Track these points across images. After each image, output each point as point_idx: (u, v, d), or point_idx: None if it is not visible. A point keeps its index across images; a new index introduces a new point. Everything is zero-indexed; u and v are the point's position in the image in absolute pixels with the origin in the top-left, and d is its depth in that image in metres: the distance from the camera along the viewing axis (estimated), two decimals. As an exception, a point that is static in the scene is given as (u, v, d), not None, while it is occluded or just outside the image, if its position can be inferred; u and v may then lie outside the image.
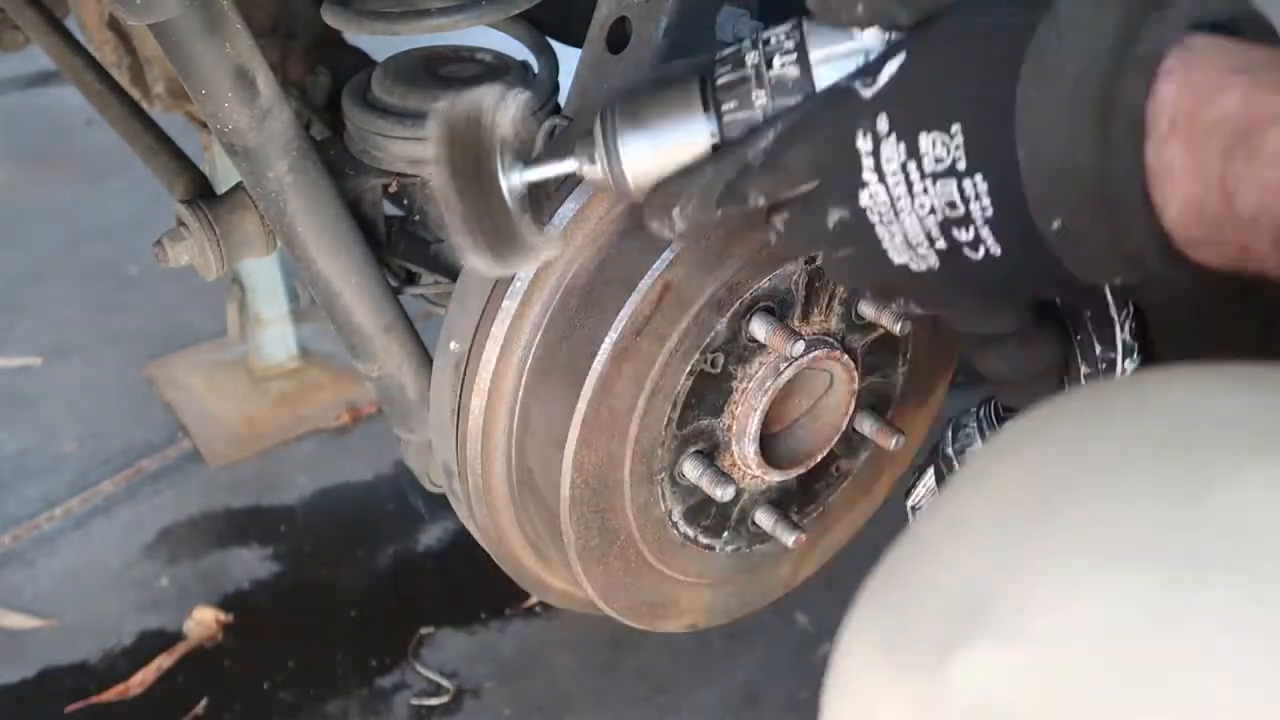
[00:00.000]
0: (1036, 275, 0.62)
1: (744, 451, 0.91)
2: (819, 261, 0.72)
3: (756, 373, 0.89)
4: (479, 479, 0.93)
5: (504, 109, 0.68)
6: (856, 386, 0.95)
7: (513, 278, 0.87)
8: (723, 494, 0.89)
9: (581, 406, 0.84)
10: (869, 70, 0.64)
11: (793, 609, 1.77)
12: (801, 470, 0.97)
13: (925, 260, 0.65)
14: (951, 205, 0.61)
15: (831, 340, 0.92)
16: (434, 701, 1.66)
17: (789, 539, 0.95)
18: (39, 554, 1.91)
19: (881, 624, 0.45)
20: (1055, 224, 0.58)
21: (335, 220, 0.96)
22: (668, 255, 0.82)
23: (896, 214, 0.63)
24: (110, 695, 1.67)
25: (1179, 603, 0.37)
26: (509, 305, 0.87)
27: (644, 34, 0.93)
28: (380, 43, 1.10)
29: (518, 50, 1.10)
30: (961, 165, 0.60)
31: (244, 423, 2.17)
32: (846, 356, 0.93)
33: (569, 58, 1.03)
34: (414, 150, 1.01)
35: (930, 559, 0.45)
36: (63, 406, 2.23)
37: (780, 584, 1.07)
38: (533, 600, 1.79)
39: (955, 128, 0.60)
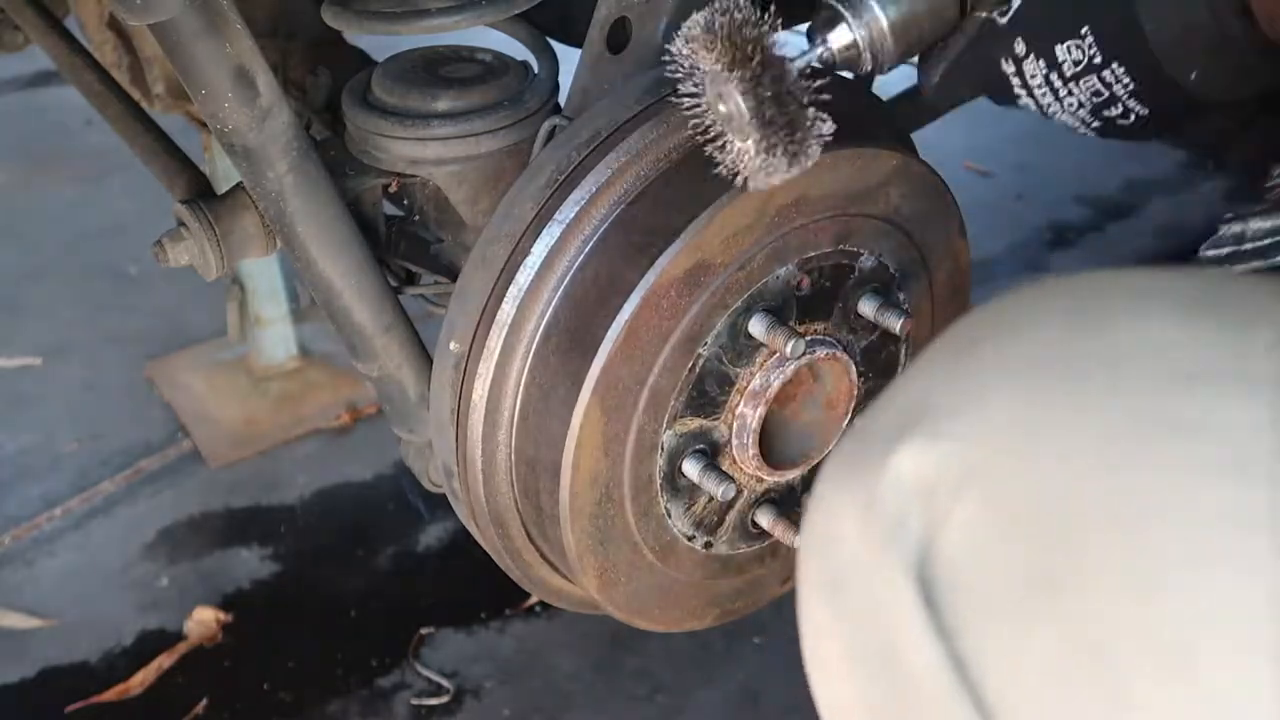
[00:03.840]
0: (1180, 111, 0.74)
1: (744, 451, 0.91)
2: None
3: (756, 373, 0.89)
4: (479, 479, 0.93)
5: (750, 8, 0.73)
6: (857, 387, 0.95)
7: (512, 278, 0.87)
8: (723, 493, 0.89)
9: (581, 406, 0.84)
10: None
11: (793, 609, 1.76)
12: (801, 471, 0.97)
13: (1086, 133, 0.77)
14: (1097, 94, 0.72)
15: (831, 340, 0.92)
16: (434, 701, 1.66)
17: (791, 539, 0.95)
18: (39, 554, 1.91)
19: (846, 445, 0.57)
20: (1193, 74, 0.70)
21: (335, 220, 0.96)
22: (668, 254, 0.82)
23: (1049, 116, 0.75)
24: (110, 695, 1.67)
25: (1060, 402, 0.49)
26: (509, 306, 0.87)
27: (644, 34, 0.93)
28: (380, 43, 1.10)
29: (518, 50, 1.10)
30: (1098, 60, 0.71)
31: (244, 423, 2.17)
32: (846, 357, 0.93)
33: (569, 58, 1.03)
34: (414, 150, 1.01)
35: (887, 392, 0.57)
36: (63, 406, 2.23)
37: (779, 583, 1.07)
38: (533, 600, 1.79)
39: (1085, 30, 0.71)
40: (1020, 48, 0.74)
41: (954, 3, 0.75)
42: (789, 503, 0.99)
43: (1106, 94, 0.73)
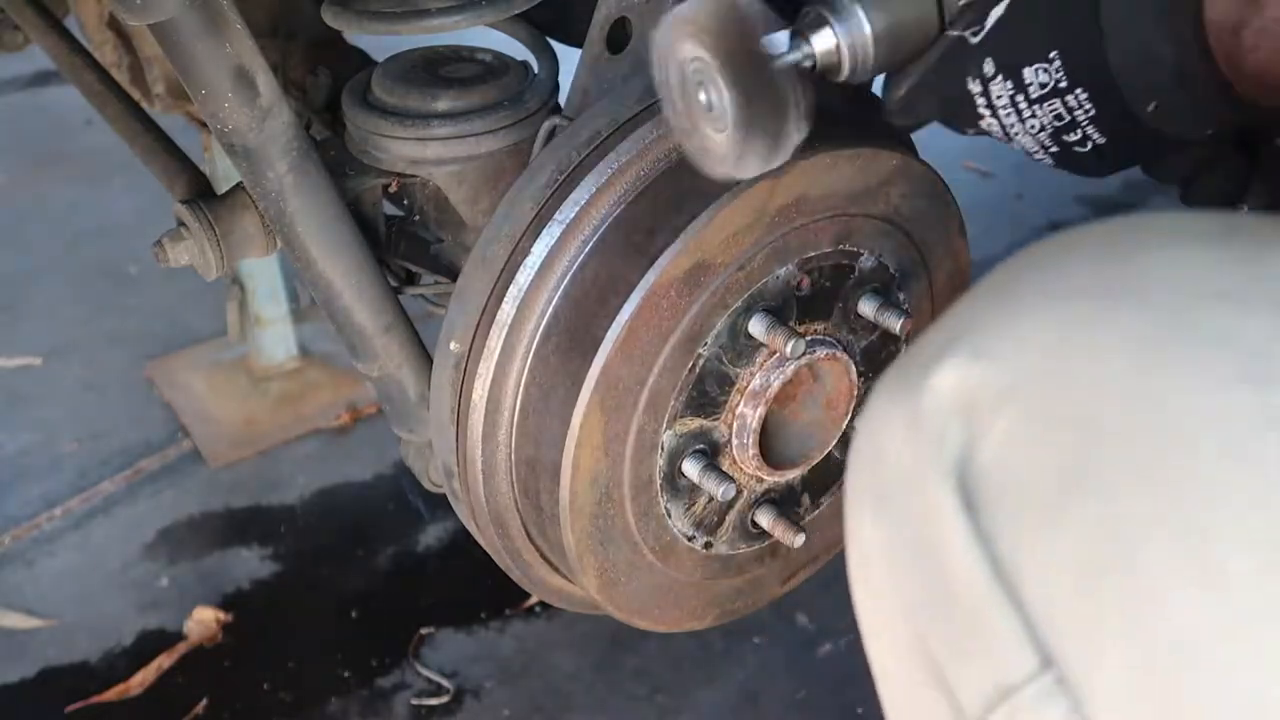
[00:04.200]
0: (1137, 146, 0.75)
1: (744, 451, 0.91)
2: None
3: (756, 373, 0.89)
4: (479, 479, 0.93)
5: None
6: (857, 387, 0.95)
7: (512, 278, 0.87)
8: (723, 493, 0.89)
9: (581, 406, 0.84)
10: (975, 17, 0.74)
11: (793, 609, 1.77)
12: (801, 470, 0.97)
13: (1043, 158, 0.78)
14: (1059, 118, 0.73)
15: (831, 340, 0.92)
16: (434, 701, 1.66)
17: (791, 539, 0.95)
18: (39, 554, 1.91)
19: (893, 369, 0.60)
20: (1150, 106, 0.70)
21: (335, 220, 0.96)
22: (668, 254, 0.82)
23: (1010, 137, 0.76)
24: (110, 695, 1.67)
25: (1093, 319, 0.51)
26: (509, 306, 0.87)
27: (644, 34, 0.93)
28: (380, 43, 1.10)
29: (518, 50, 1.10)
30: (1063, 84, 0.72)
31: (244, 423, 2.17)
32: (846, 357, 0.93)
33: (569, 58, 1.03)
34: (414, 150, 1.01)
35: (931, 329, 0.59)
36: (63, 406, 2.23)
37: (779, 583, 1.07)
38: (533, 600, 1.79)
39: (1054, 54, 0.72)
40: (989, 68, 0.74)
41: (935, 18, 0.75)
42: (789, 503, 0.99)
43: (1068, 119, 0.73)
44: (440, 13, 0.97)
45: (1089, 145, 0.75)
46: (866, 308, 0.93)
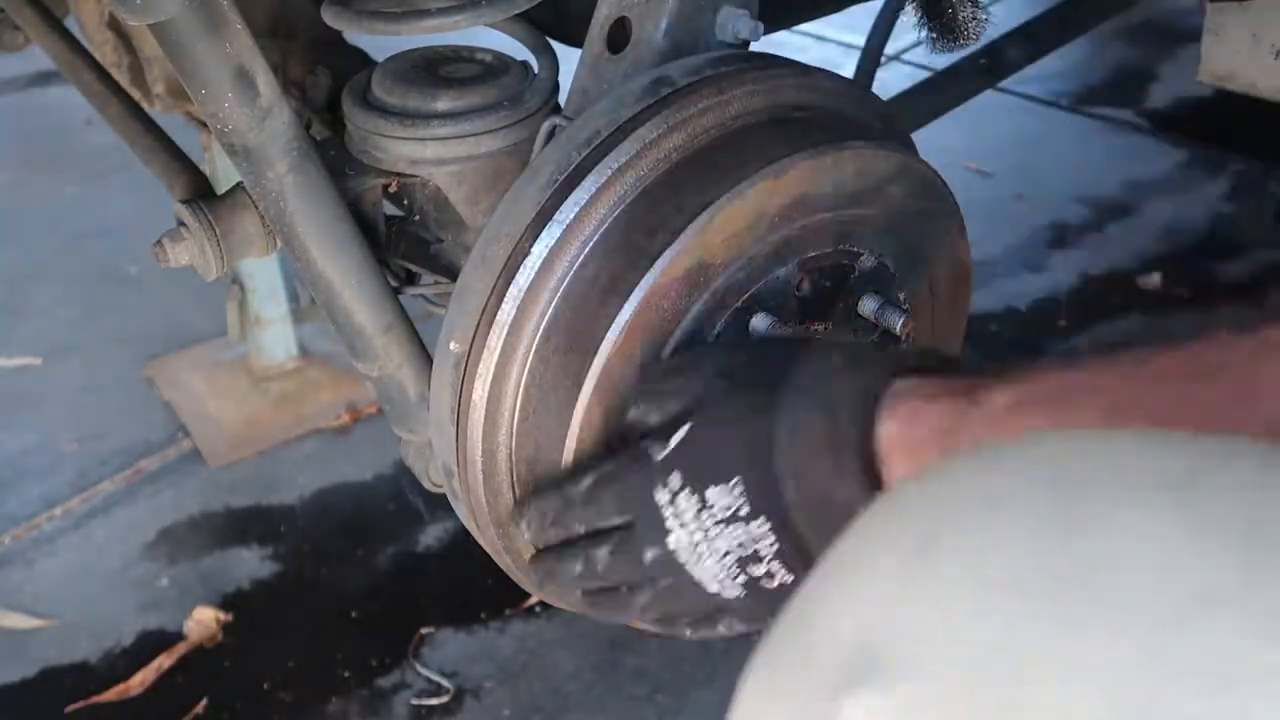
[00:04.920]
0: None
1: (744, 451, 0.91)
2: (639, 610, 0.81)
3: (756, 373, 0.89)
4: (479, 479, 0.93)
5: None
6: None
7: (512, 278, 0.87)
8: (723, 494, 0.88)
9: (581, 406, 0.84)
10: (661, 433, 0.76)
11: (793, 609, 1.76)
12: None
13: (733, 591, 0.75)
14: (742, 545, 0.72)
15: (831, 340, 0.92)
16: (434, 701, 1.66)
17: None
18: (39, 554, 1.91)
19: (778, 673, 0.48)
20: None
21: (335, 220, 0.96)
22: (668, 254, 0.82)
23: (699, 557, 0.74)
24: (110, 695, 1.67)
25: (1052, 641, 0.39)
26: (509, 306, 0.87)
27: (644, 34, 0.93)
28: (380, 43, 1.10)
29: (518, 50, 1.10)
30: (745, 511, 0.71)
31: (244, 423, 2.17)
32: (846, 356, 0.93)
33: (569, 58, 1.03)
34: (414, 150, 1.01)
35: (817, 597, 0.48)
36: (63, 406, 2.23)
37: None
38: (533, 600, 1.79)
39: (735, 479, 0.71)
40: (675, 481, 0.74)
41: None
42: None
43: (751, 549, 0.72)
44: (440, 13, 0.97)
45: (776, 581, 0.73)
46: (867, 307, 0.93)
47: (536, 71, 1.07)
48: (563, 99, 1.02)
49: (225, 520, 1.97)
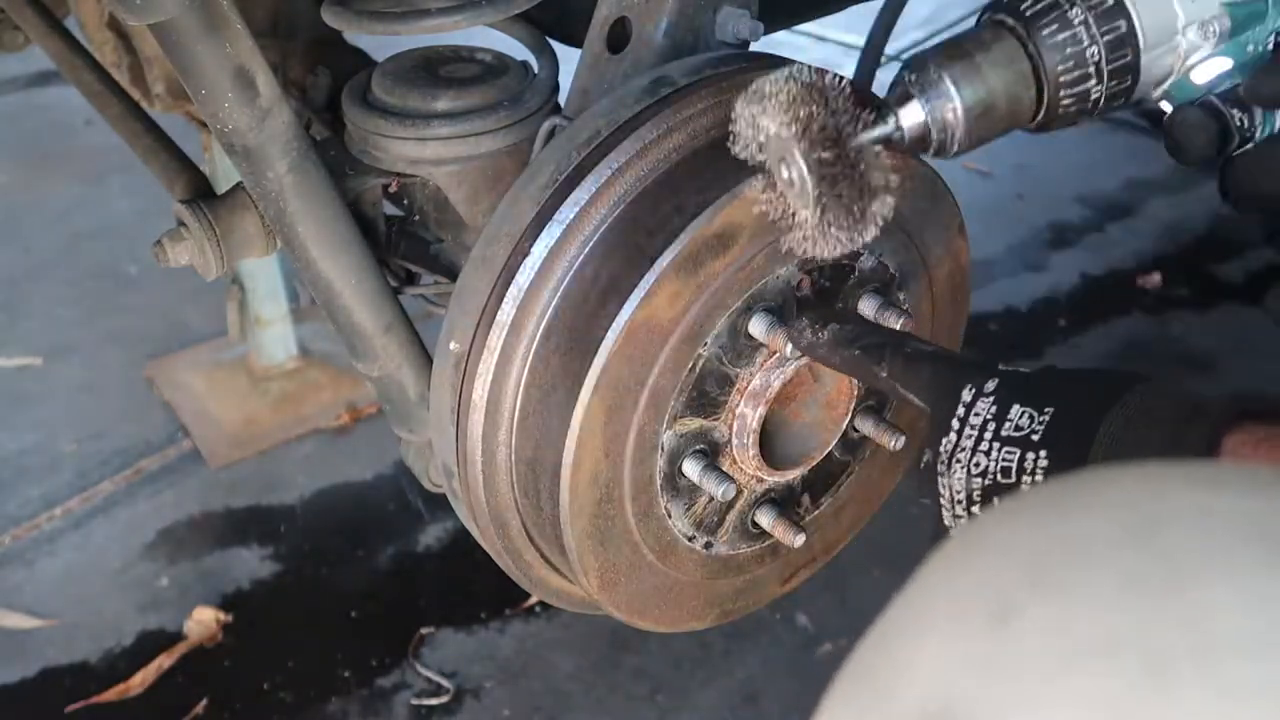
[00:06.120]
0: None
1: (744, 452, 0.91)
2: None
3: (756, 373, 0.89)
4: (479, 479, 0.93)
5: (826, 79, 0.72)
6: (856, 387, 0.95)
7: (512, 278, 0.87)
8: (723, 494, 0.89)
9: (582, 406, 0.84)
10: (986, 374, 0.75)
11: (793, 609, 1.77)
12: (801, 471, 0.97)
13: (949, 522, 0.74)
14: (1005, 472, 0.70)
15: (831, 340, 0.92)
16: (434, 701, 1.66)
17: (790, 539, 0.95)
18: (39, 554, 1.91)
19: (850, 711, 0.45)
20: None
21: (335, 220, 0.96)
22: (668, 254, 0.82)
23: (956, 465, 0.73)
24: (110, 695, 1.67)
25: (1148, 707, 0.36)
26: (509, 306, 0.87)
27: (644, 34, 0.93)
28: (380, 43, 1.10)
29: (518, 50, 1.10)
30: (1036, 438, 0.70)
31: (244, 423, 2.17)
32: (846, 356, 0.93)
33: (569, 58, 1.03)
34: (414, 150, 1.01)
35: (896, 665, 0.44)
36: (63, 406, 2.23)
37: (779, 583, 1.07)
38: (533, 600, 1.79)
39: (1049, 409, 0.70)
40: (990, 385, 0.74)
41: (1029, 94, 0.73)
42: (789, 503, 0.99)
43: (1012, 479, 0.71)
44: (440, 13, 0.97)
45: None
46: (867, 308, 0.93)
47: (536, 71, 1.07)
48: (563, 99, 1.02)
49: (225, 520, 1.97)
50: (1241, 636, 0.37)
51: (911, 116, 0.73)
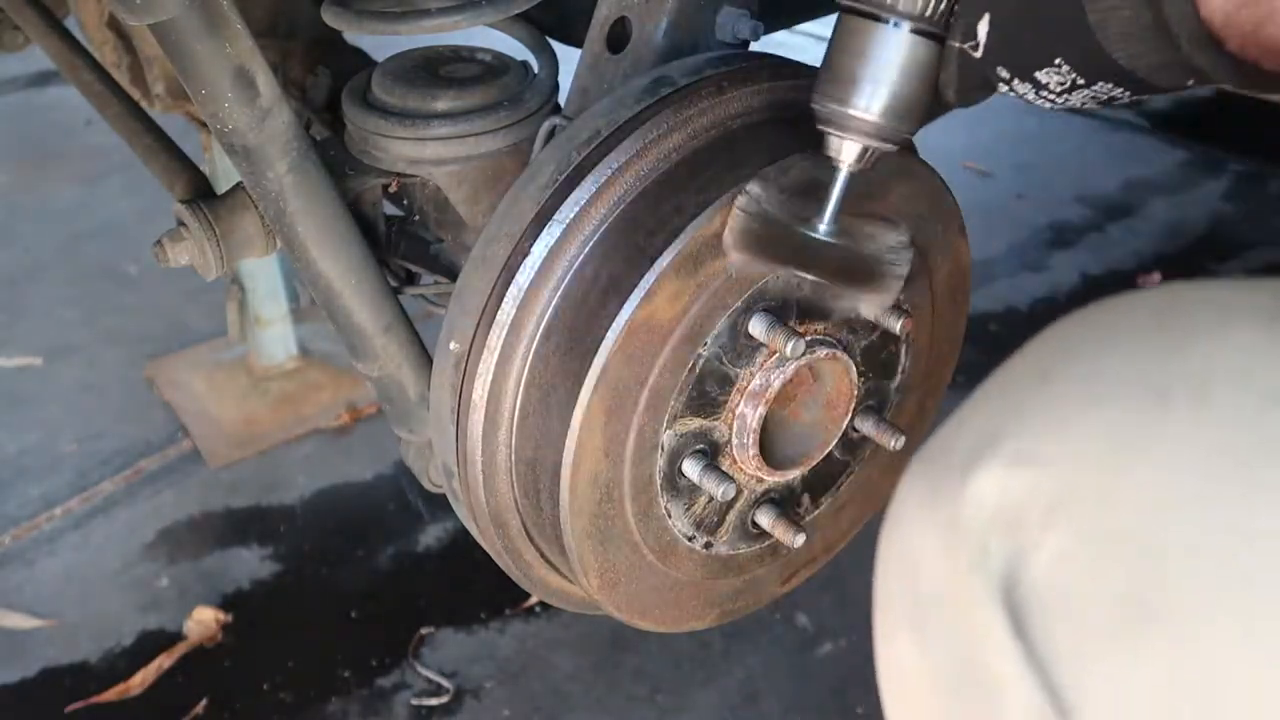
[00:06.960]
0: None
1: (744, 452, 0.91)
2: None
3: (756, 373, 0.89)
4: (479, 479, 0.93)
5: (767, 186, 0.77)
6: (857, 387, 0.95)
7: (512, 278, 0.87)
8: (723, 494, 0.89)
9: (582, 406, 0.84)
10: (965, 34, 0.73)
11: (793, 609, 1.77)
12: (801, 471, 0.97)
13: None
14: (1094, 99, 0.72)
15: (831, 340, 0.92)
16: (434, 701, 1.66)
17: (791, 539, 0.95)
18: (39, 554, 1.91)
19: (920, 465, 0.57)
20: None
21: (335, 220, 0.96)
22: (668, 254, 0.82)
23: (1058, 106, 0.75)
24: (110, 695, 1.67)
25: (1149, 428, 0.48)
26: (509, 306, 0.87)
27: (644, 34, 0.93)
28: (380, 43, 1.10)
29: (518, 50, 1.10)
30: (1081, 81, 0.70)
31: (244, 423, 2.17)
32: (846, 357, 0.93)
33: (569, 58, 1.03)
34: (414, 150, 1.01)
35: (959, 412, 0.56)
36: (63, 406, 2.23)
37: (779, 583, 1.07)
38: (533, 600, 1.79)
39: (1059, 61, 0.70)
40: (1004, 73, 0.73)
41: (931, 63, 0.74)
42: (789, 503, 0.99)
43: (1104, 98, 0.73)
44: (440, 13, 0.97)
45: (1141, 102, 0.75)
46: (867, 307, 0.93)
47: (536, 71, 1.07)
48: (563, 99, 1.02)
49: (225, 520, 1.98)
50: (1232, 372, 0.47)
51: (848, 153, 0.75)
